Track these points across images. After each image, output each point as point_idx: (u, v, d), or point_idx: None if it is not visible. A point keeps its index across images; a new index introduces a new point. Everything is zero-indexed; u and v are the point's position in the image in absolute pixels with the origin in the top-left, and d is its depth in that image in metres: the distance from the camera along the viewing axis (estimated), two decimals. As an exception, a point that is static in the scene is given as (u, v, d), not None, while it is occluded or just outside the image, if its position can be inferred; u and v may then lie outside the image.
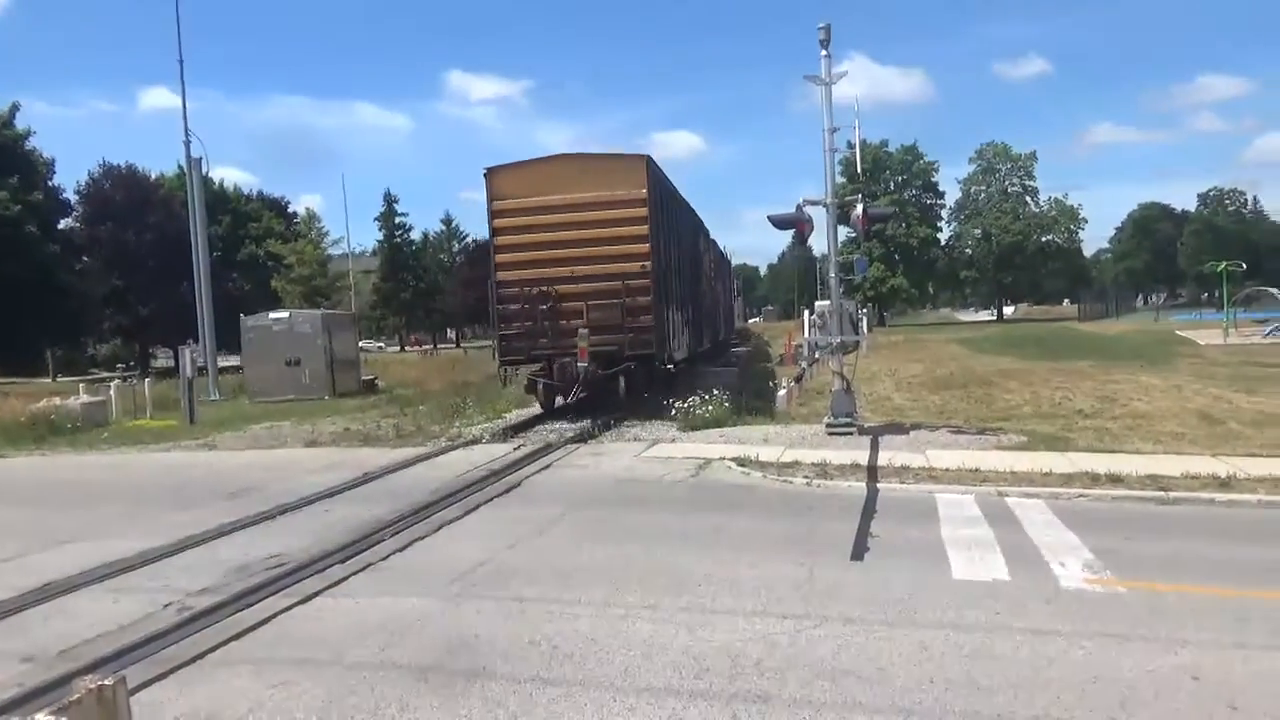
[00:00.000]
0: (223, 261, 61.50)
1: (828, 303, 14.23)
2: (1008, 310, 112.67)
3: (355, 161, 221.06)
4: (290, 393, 26.14)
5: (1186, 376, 23.12)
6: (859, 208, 14.06)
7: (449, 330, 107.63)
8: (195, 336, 30.11)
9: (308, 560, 8.08)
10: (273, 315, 28.63)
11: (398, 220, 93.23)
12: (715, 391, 17.77)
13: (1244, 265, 58.56)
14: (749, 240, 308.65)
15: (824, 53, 13.82)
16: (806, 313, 14.65)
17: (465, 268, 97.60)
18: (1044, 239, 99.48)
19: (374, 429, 17.65)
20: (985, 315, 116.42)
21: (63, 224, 59.15)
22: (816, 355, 14.54)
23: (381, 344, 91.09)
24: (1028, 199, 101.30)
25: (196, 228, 30.92)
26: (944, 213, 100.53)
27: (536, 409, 19.22)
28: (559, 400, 19.34)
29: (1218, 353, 32.24)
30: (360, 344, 34.14)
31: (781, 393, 13.55)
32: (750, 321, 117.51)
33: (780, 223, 13.99)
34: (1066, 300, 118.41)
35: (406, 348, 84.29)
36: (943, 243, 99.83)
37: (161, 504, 11.15)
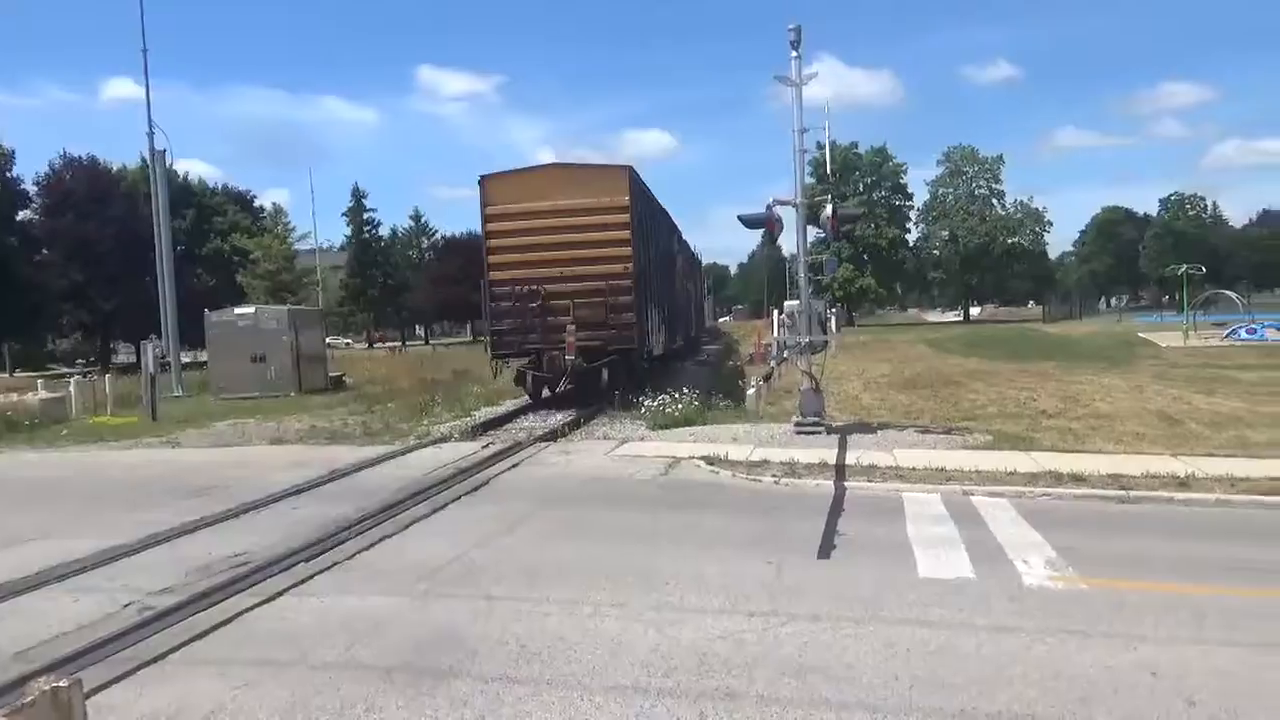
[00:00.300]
0: (187, 256, 60.66)
1: (797, 303, 14.35)
2: (974, 311, 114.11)
3: (323, 157, 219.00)
4: (255, 389, 25.85)
5: (1148, 378, 23.56)
6: (828, 208, 14.17)
7: (417, 327, 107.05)
8: (158, 332, 29.66)
9: (273, 559, 7.99)
10: (238, 311, 28.29)
11: (366, 216, 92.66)
12: (685, 390, 17.96)
13: (1204, 269, 59.66)
14: (720, 240, 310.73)
15: (794, 54, 13.93)
16: (776, 312, 14.99)
17: (434, 264, 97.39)
18: (1010, 241, 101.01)
19: (341, 426, 17.53)
20: (952, 316, 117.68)
21: (21, 216, 57.98)
22: (785, 354, 14.69)
23: (349, 341, 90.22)
24: (994, 201, 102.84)
25: (160, 221, 30.43)
26: (912, 214, 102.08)
27: (506, 407, 19.83)
28: (545, 391, 20.46)
29: (1178, 355, 32.83)
30: (327, 340, 33.81)
31: (751, 391, 13.66)
32: (720, 320, 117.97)
33: (750, 222, 14.08)
34: (1032, 302, 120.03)
35: (374, 345, 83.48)
36: (911, 244, 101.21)
37: (122, 502, 10.99)
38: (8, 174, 55.50)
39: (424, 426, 17.08)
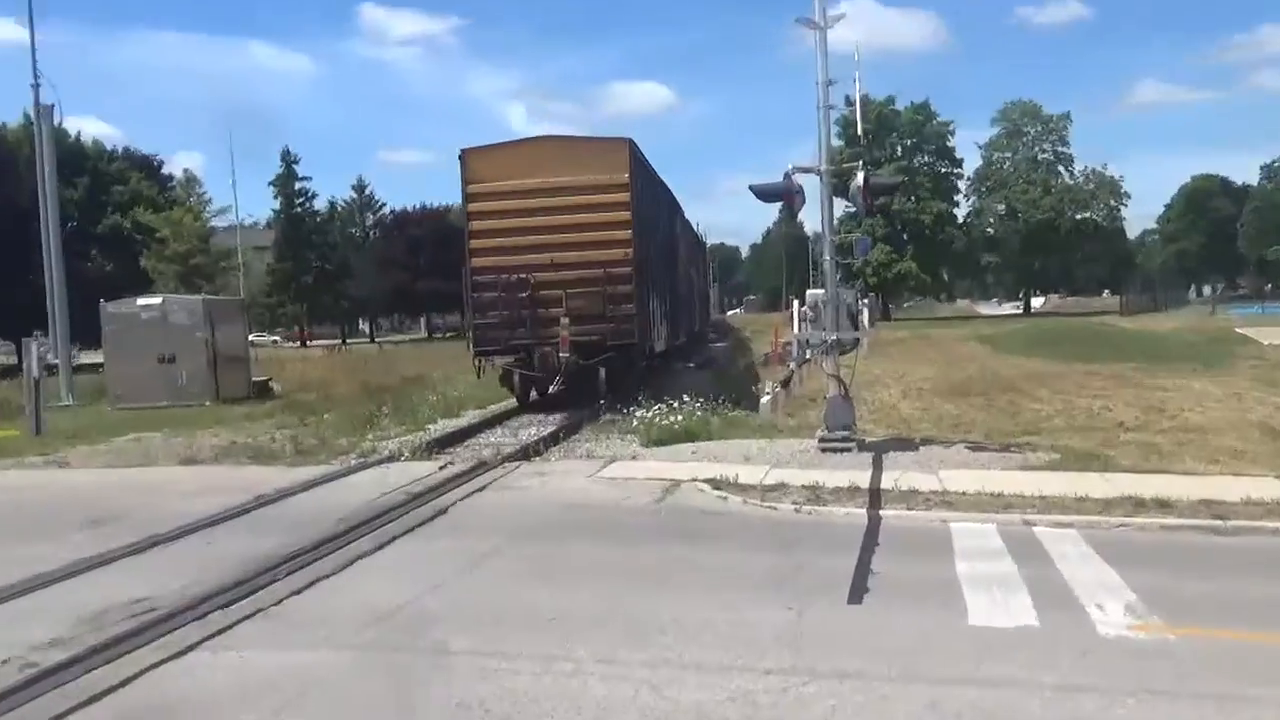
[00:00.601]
0: (79, 234, 60.40)
1: (822, 291, 14.31)
2: (1036, 302, 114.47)
3: (247, 113, 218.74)
4: (163, 398, 25.80)
5: (1247, 382, 23.63)
6: (860, 177, 14.09)
7: (361, 321, 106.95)
8: (44, 327, 29.57)
9: (183, 605, 7.96)
10: (141, 301, 28.22)
11: (298, 186, 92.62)
12: (686, 397, 18.11)
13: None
14: (727, 216, 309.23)
15: (818, -11, 13.93)
16: (796, 304, 14.75)
17: (381, 244, 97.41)
18: (1080, 217, 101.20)
19: (268, 443, 17.54)
20: (1010, 308, 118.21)
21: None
22: (808, 355, 14.74)
23: (277, 338, 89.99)
24: (1060, 169, 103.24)
25: (46, 190, 30.35)
26: (961, 184, 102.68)
27: (468, 418, 20.31)
28: (534, 394, 21.72)
29: (1284, 354, 32.90)
30: (251, 338, 33.77)
31: (766, 400, 13.67)
32: (730, 314, 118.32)
33: (765, 194, 14.09)
34: (1106, 291, 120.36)
35: (308, 342, 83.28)
36: (960, 220, 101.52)
37: (-1, 535, 10.90)
38: None
39: (368, 443, 17.15)
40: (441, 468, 14.52)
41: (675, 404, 17.40)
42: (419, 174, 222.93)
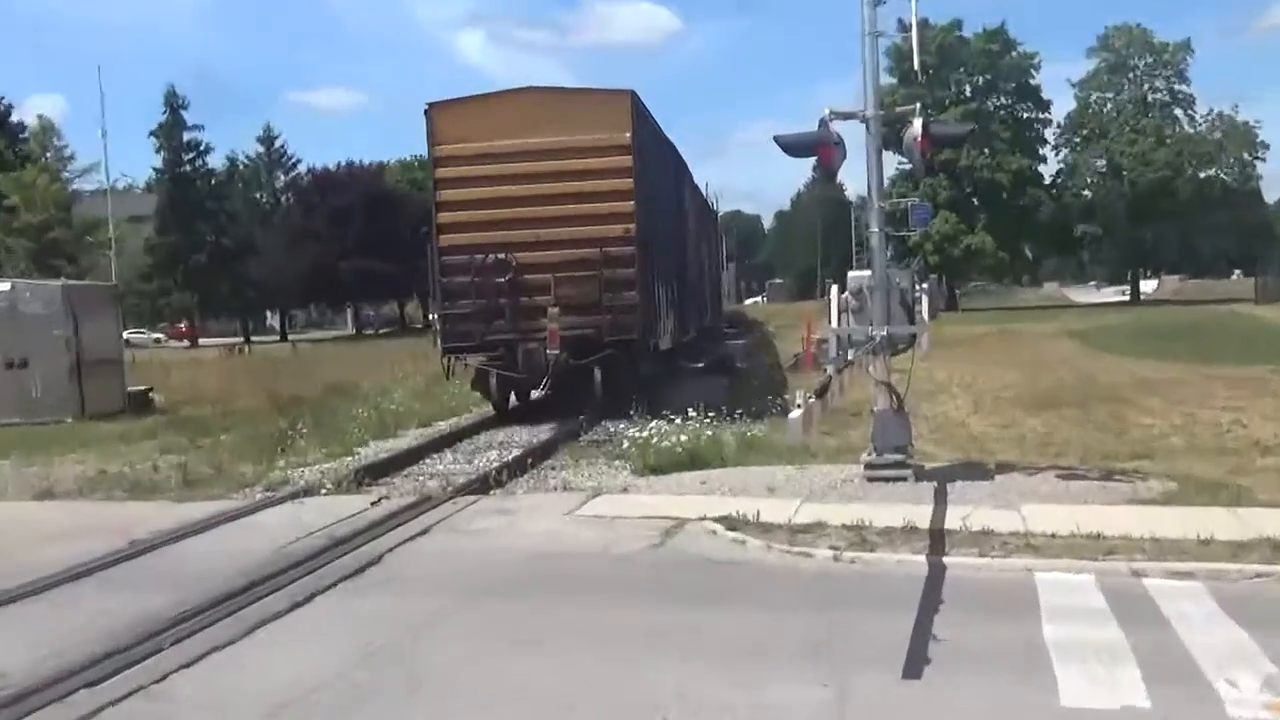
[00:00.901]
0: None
1: (868, 274, 14.22)
2: (1147, 286, 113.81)
3: (120, 47, 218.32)
4: (13, 413, 25.73)
5: None
6: (917, 124, 13.92)
7: (268, 314, 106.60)
8: None
9: (37, 683, 7.90)
10: (-17, 289, 28.14)
11: (187, 137, 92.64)
12: (692, 410, 18.14)
13: None
14: (745, 177, 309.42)
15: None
16: (834, 289, 14.68)
17: (296, 213, 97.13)
18: (1204, 175, 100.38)
19: (148, 471, 17.44)
20: (1113, 294, 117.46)
21: None
22: (850, 356, 14.51)
23: (160, 335, 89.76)
24: (1178, 113, 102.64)
25: None
26: (1049, 134, 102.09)
27: (409, 439, 20.70)
28: (514, 399, 23.06)
29: None
30: (127, 335, 33.71)
31: (796, 414, 13.15)
32: (750, 302, 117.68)
33: (795, 147, 14.07)
34: (1237, 271, 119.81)
35: (200, 341, 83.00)
36: (1047, 180, 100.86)
37: None
38: None
39: (279, 471, 17.12)
40: (374, 503, 14.47)
41: (678, 419, 17.46)
42: (345, 123, 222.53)
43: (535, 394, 22.24)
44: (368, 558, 11.58)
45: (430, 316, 26.17)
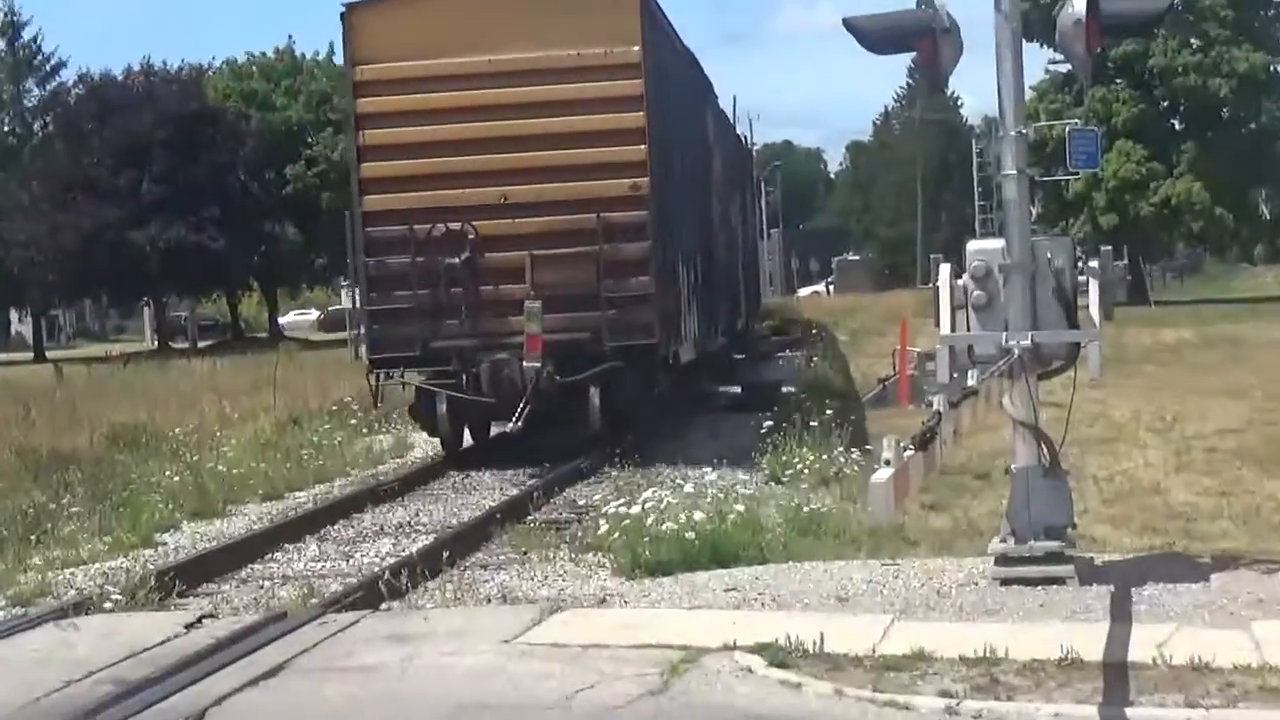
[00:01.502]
0: None
1: (999, 244, 11.45)
2: None
3: None
4: None
5: None
6: None
7: (14, 316, 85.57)
8: None
9: None
10: None
11: None
12: (711, 467, 16.47)
13: None
14: (793, 90, 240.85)
15: None
16: (944, 271, 11.92)
17: (60, 149, 70.92)
18: None
19: None
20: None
21: None
22: (973, 381, 11.76)
23: None
24: None
25: None
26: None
27: (247, 516, 16.96)
28: (469, 433, 20.33)
29: None
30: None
31: (882, 477, 11.05)
32: (806, 292, 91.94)
33: (877, 36, 11.65)
34: None
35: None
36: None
37: None
38: None
39: (34, 574, 13.88)
40: (191, 626, 11.65)
41: (690, 478, 14.88)
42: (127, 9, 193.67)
43: (510, 426, 18.56)
44: (179, 718, 9.15)
45: (347, 313, 22.46)
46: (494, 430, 20.55)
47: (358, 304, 19.85)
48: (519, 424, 18.41)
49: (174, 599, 12.49)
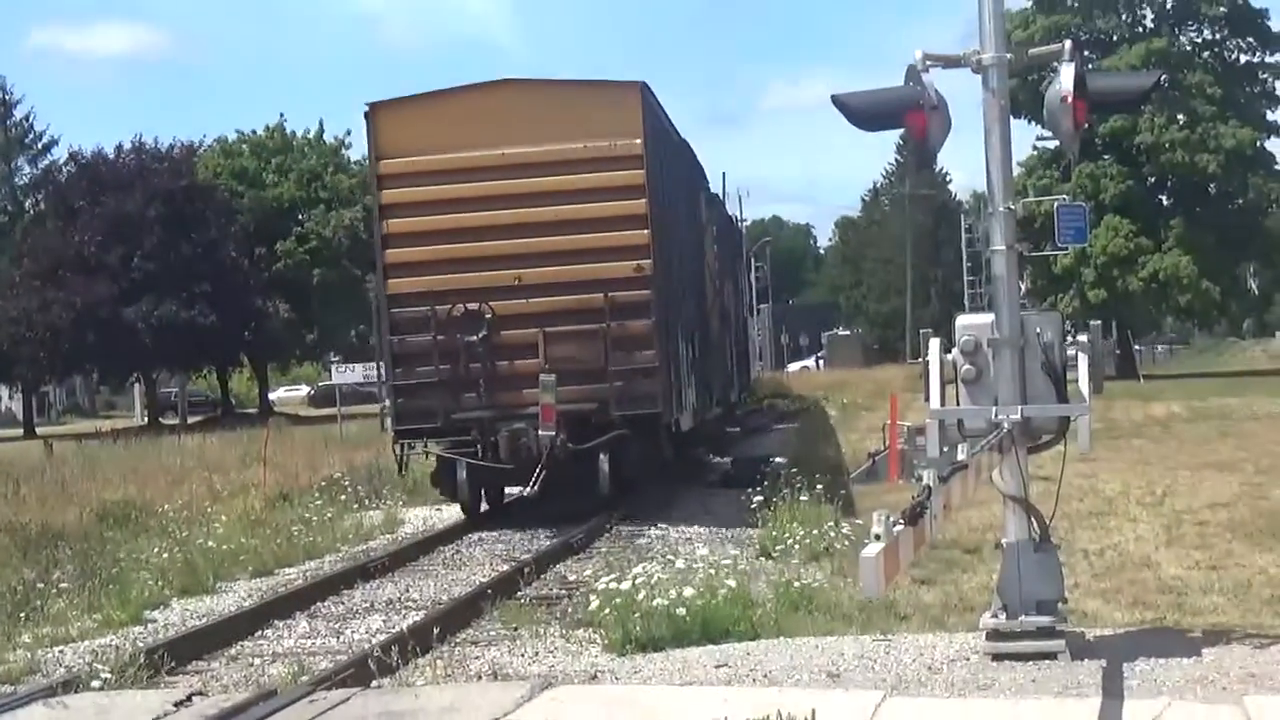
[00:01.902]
0: None
1: (989, 319, 11.47)
2: None
3: None
4: None
5: None
6: (1066, 74, 11.20)
7: (4, 391, 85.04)
8: None
9: None
10: None
11: None
12: (703, 541, 16.66)
13: None
14: (782, 162, 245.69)
15: None
16: (934, 345, 11.84)
17: (51, 225, 70.36)
18: None
19: None
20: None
21: None
22: (963, 455, 11.78)
23: None
24: None
25: None
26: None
27: (237, 592, 16.98)
28: (488, 497, 21.14)
29: None
30: None
31: (873, 551, 10.88)
32: (795, 367, 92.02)
33: (868, 111, 11.50)
34: None
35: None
36: (1280, 163, 72.45)
37: None
38: None
39: (23, 651, 13.81)
40: (180, 704, 11.49)
41: (681, 554, 14.65)
42: (129, 77, 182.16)
43: (528, 490, 19.47)
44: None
45: (377, 386, 24.42)
46: (508, 493, 21.74)
47: (383, 379, 21.16)
48: (535, 489, 19.30)
49: (163, 677, 12.48)
